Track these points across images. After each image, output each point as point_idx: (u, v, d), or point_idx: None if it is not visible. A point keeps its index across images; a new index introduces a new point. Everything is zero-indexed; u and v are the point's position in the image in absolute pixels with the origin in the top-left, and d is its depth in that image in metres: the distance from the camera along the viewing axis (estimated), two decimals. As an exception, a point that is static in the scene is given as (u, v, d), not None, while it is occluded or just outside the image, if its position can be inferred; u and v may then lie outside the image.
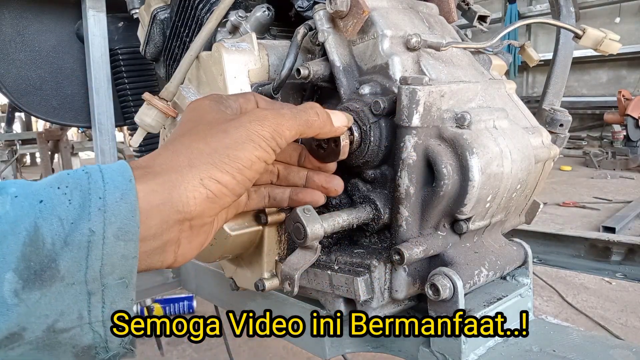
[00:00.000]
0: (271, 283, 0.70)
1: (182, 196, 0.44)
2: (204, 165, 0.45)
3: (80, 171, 0.40)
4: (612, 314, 2.74)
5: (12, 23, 1.29)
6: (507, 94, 0.73)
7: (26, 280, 0.36)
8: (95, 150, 1.28)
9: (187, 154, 0.46)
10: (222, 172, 0.46)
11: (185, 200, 0.44)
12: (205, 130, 0.48)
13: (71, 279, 0.37)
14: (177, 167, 0.45)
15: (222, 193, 0.46)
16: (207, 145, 0.47)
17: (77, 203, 0.38)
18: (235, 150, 0.47)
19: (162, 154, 0.46)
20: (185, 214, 0.44)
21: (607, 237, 1.24)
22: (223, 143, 0.47)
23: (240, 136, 0.48)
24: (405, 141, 0.58)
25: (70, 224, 0.37)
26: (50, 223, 0.37)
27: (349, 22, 0.64)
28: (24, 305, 0.36)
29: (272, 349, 2.54)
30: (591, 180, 6.28)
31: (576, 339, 0.65)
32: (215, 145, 0.47)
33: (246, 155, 0.47)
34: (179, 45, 0.88)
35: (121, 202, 0.39)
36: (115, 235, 0.39)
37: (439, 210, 0.60)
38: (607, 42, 0.76)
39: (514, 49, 0.91)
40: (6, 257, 0.35)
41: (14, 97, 1.32)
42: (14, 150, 5.52)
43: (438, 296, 0.58)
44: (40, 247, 0.36)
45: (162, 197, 0.42)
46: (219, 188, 0.46)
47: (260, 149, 0.48)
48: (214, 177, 0.45)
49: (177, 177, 0.44)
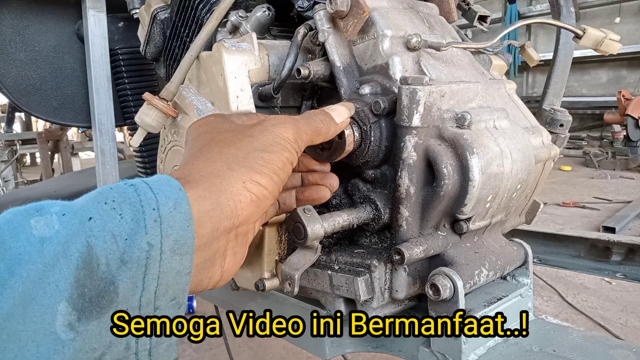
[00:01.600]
0: (271, 283, 0.70)
1: (229, 200, 0.42)
2: (243, 168, 0.44)
3: (123, 185, 0.37)
4: (612, 314, 2.74)
5: (12, 23, 1.29)
6: (508, 94, 0.73)
7: (81, 310, 0.31)
8: (95, 150, 1.28)
9: (222, 159, 0.44)
10: (261, 174, 0.45)
11: (233, 205, 0.42)
12: (230, 138, 0.48)
13: (125, 304, 0.33)
14: (217, 172, 0.43)
15: (264, 196, 0.45)
16: (240, 149, 0.46)
17: (130, 217, 0.34)
18: (268, 153, 0.46)
19: (194, 163, 0.44)
20: (234, 219, 0.42)
21: (607, 237, 1.24)
22: (253, 146, 0.46)
23: (267, 139, 0.47)
24: (405, 141, 0.58)
25: (124, 241, 0.33)
26: (104, 241, 0.33)
27: (349, 22, 0.64)
28: (81, 339, 0.31)
29: (272, 349, 2.54)
30: (591, 180, 6.27)
31: (576, 339, 0.65)
32: (248, 149, 0.46)
33: (278, 157, 0.47)
34: (179, 46, 0.88)
35: (175, 211, 0.36)
36: (172, 249, 0.35)
37: (440, 210, 0.60)
38: (608, 42, 0.76)
39: (514, 49, 0.91)
40: (59, 285, 0.30)
41: (14, 97, 1.32)
42: (14, 150, 5.52)
43: (438, 296, 0.58)
44: (94, 269, 0.32)
45: (211, 203, 0.40)
46: (261, 190, 0.44)
47: (287, 151, 0.48)
48: (255, 179, 0.44)
49: (220, 181, 0.42)
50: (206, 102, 0.70)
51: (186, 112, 0.71)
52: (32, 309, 0.29)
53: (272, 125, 0.49)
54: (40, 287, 0.30)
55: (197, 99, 0.71)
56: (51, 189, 1.79)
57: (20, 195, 1.69)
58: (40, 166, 5.27)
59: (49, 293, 0.30)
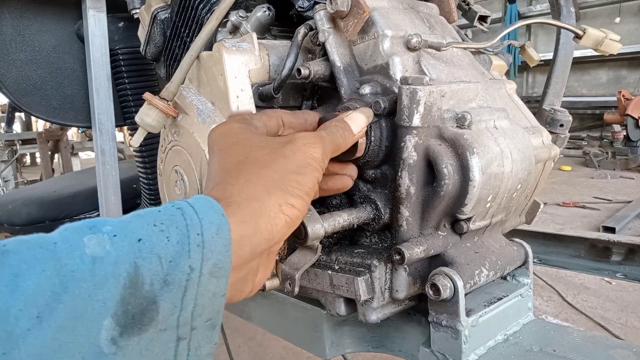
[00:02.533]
0: (271, 283, 0.70)
1: (267, 224, 0.43)
2: (279, 192, 0.45)
3: (171, 207, 0.38)
4: (612, 314, 2.74)
5: (12, 23, 1.29)
6: (508, 94, 0.73)
7: (124, 326, 0.33)
8: (95, 150, 1.28)
9: (260, 182, 0.46)
10: (295, 197, 0.46)
11: (270, 228, 0.43)
12: (265, 157, 0.48)
13: (164, 323, 0.35)
14: (257, 195, 0.44)
15: (297, 217, 0.47)
16: (275, 171, 0.47)
17: (175, 240, 0.36)
18: (301, 175, 0.48)
19: (234, 184, 0.45)
20: (270, 241, 0.44)
21: (607, 237, 1.24)
22: (288, 168, 0.48)
23: (300, 160, 0.49)
24: (405, 141, 0.58)
25: (169, 262, 0.35)
26: (150, 262, 0.34)
27: (349, 22, 0.64)
28: (122, 353, 0.33)
29: (272, 349, 2.54)
30: (591, 180, 6.27)
31: (576, 339, 0.65)
32: (283, 171, 0.47)
33: (310, 179, 0.48)
34: (180, 46, 0.88)
35: (217, 237, 0.38)
36: (210, 272, 0.37)
37: (440, 210, 0.60)
38: (608, 42, 0.76)
39: (514, 49, 0.91)
40: (106, 302, 0.32)
41: (14, 97, 1.32)
42: (14, 150, 5.51)
43: (438, 296, 0.58)
44: (139, 288, 0.34)
45: (251, 228, 0.42)
46: (294, 212, 0.46)
47: (317, 171, 0.49)
48: (290, 202, 0.46)
49: (259, 205, 0.44)
50: (206, 102, 0.70)
51: (186, 112, 0.71)
52: (81, 324, 0.31)
53: (303, 145, 0.50)
54: (89, 304, 0.32)
55: (198, 99, 0.71)
56: (51, 189, 1.79)
57: (20, 195, 1.69)
58: (40, 166, 5.27)
59: (97, 309, 0.32)
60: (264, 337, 2.62)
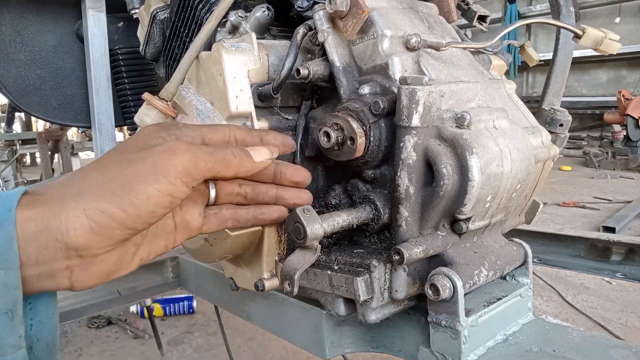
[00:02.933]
0: (271, 283, 0.70)
1: (60, 225, 0.43)
2: (91, 195, 0.44)
3: None
4: (612, 314, 2.74)
5: (12, 23, 1.29)
6: (507, 94, 0.73)
7: None
8: (95, 150, 1.28)
9: (79, 183, 0.45)
10: (110, 203, 0.44)
11: (64, 230, 0.43)
12: (113, 158, 0.48)
13: None
14: (64, 196, 0.44)
15: (108, 225, 0.44)
16: (104, 174, 0.46)
17: None
18: (133, 183, 0.45)
19: (62, 181, 0.46)
20: (65, 242, 0.43)
21: (607, 237, 1.23)
22: (122, 173, 0.46)
23: (144, 167, 0.46)
24: (405, 141, 0.58)
25: None
26: None
27: (348, 22, 0.64)
28: None
29: (272, 349, 2.54)
30: (591, 180, 6.28)
31: (576, 339, 0.65)
32: (113, 175, 0.46)
33: (143, 188, 0.45)
34: (179, 46, 0.88)
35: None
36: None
37: (439, 210, 0.60)
38: (607, 42, 0.76)
39: (514, 49, 0.90)
40: None
41: (14, 97, 1.32)
42: (14, 150, 5.51)
43: (438, 296, 0.58)
44: None
45: (39, 225, 0.42)
46: (104, 219, 0.44)
47: (164, 182, 0.46)
48: (99, 208, 0.44)
49: (59, 205, 0.43)
50: (205, 102, 0.70)
51: (185, 112, 0.71)
52: None
53: (159, 152, 0.47)
54: None
55: (197, 99, 0.71)
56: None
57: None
58: (40, 166, 5.27)
59: None
60: (264, 337, 2.62)
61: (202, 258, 0.76)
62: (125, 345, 2.68)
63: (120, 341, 2.74)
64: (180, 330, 2.83)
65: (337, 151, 0.61)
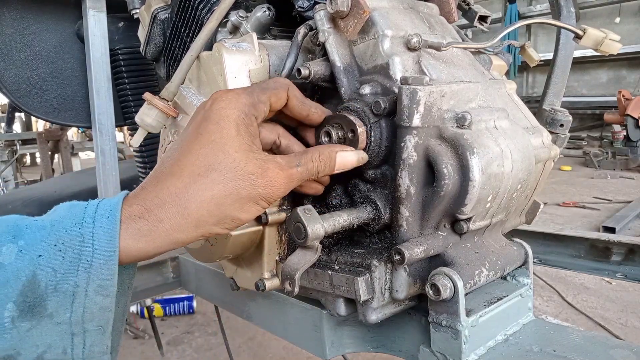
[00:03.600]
0: (271, 283, 0.70)
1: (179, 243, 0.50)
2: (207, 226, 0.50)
3: (77, 231, 0.46)
4: (612, 314, 2.74)
5: (12, 23, 1.29)
6: (508, 94, 0.73)
7: (22, 311, 0.43)
8: (96, 150, 1.28)
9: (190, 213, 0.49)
10: (220, 228, 0.52)
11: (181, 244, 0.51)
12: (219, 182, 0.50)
13: (59, 318, 0.45)
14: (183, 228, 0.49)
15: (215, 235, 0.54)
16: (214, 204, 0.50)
17: (69, 260, 0.45)
18: (239, 214, 0.52)
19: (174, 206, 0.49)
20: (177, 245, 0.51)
21: (607, 237, 1.23)
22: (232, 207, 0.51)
23: (248, 201, 0.52)
24: (405, 141, 0.58)
25: (61, 274, 0.45)
26: (46, 272, 0.44)
27: (349, 22, 0.64)
28: (16, 331, 0.43)
29: (272, 349, 2.54)
30: (591, 180, 6.28)
31: (576, 339, 0.65)
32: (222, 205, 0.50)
33: (246, 217, 0.52)
34: (180, 46, 0.88)
35: (104, 266, 0.46)
36: (96, 290, 0.46)
37: (440, 210, 0.60)
38: (608, 42, 0.76)
39: (514, 49, 0.91)
40: (8, 294, 0.43)
41: (14, 97, 1.32)
42: (14, 150, 5.52)
43: (438, 296, 0.58)
44: (36, 288, 0.44)
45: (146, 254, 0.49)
46: (213, 235, 0.53)
47: (261, 209, 0.53)
48: (212, 231, 0.51)
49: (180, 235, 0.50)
50: (206, 102, 0.70)
51: (186, 112, 0.71)
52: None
53: (262, 186, 0.52)
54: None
55: (198, 99, 0.71)
56: (51, 189, 1.79)
57: (20, 196, 1.69)
58: (40, 166, 5.27)
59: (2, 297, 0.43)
60: (264, 337, 2.62)
61: (203, 258, 0.76)
62: (125, 345, 2.68)
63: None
64: (180, 330, 2.83)
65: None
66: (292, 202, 0.69)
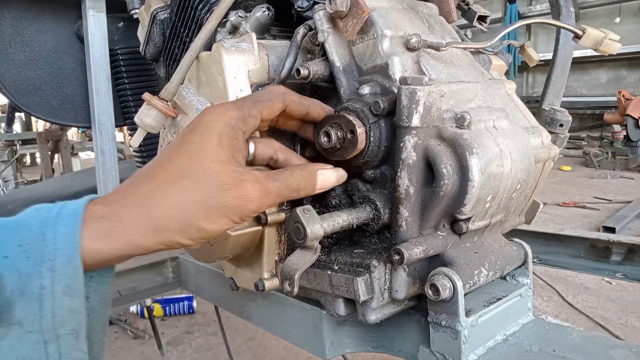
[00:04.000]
0: (271, 283, 0.70)
1: (139, 249, 0.48)
2: (168, 233, 0.48)
3: (40, 230, 0.44)
4: (612, 314, 2.74)
5: (12, 23, 1.29)
6: (507, 94, 0.73)
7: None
8: (95, 150, 1.28)
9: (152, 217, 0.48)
10: (184, 239, 0.49)
11: (142, 251, 0.48)
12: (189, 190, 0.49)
13: (29, 326, 0.42)
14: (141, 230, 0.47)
15: (180, 247, 0.51)
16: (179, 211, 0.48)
17: (33, 261, 0.43)
18: (207, 224, 0.49)
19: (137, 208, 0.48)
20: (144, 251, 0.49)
21: (607, 237, 1.23)
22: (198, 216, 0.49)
23: (217, 213, 0.50)
24: (405, 141, 0.58)
25: (26, 277, 0.43)
26: (12, 274, 0.42)
27: (348, 22, 0.64)
28: None
29: (272, 349, 2.54)
30: (591, 180, 6.28)
31: (576, 339, 0.65)
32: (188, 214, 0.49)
33: (213, 228, 0.50)
34: (179, 46, 0.88)
35: (67, 265, 0.44)
36: (63, 291, 0.44)
37: (439, 210, 0.60)
38: (607, 42, 0.76)
39: (514, 49, 0.91)
40: None
41: (14, 97, 1.32)
42: (14, 150, 5.51)
43: (438, 296, 0.58)
44: (2, 292, 0.42)
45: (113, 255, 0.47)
46: (177, 246, 0.50)
47: (232, 224, 0.51)
48: (175, 240, 0.49)
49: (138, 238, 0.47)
50: (206, 103, 0.70)
51: (186, 113, 0.71)
52: None
53: (234, 198, 0.50)
54: None
55: (197, 99, 0.71)
56: (51, 189, 1.79)
57: (20, 196, 1.69)
58: (40, 166, 5.27)
59: None
60: (264, 337, 2.62)
61: (203, 258, 0.76)
62: (125, 345, 2.68)
63: (120, 341, 2.74)
64: (180, 330, 2.83)
65: (340, 149, 0.61)
66: (291, 203, 0.69)
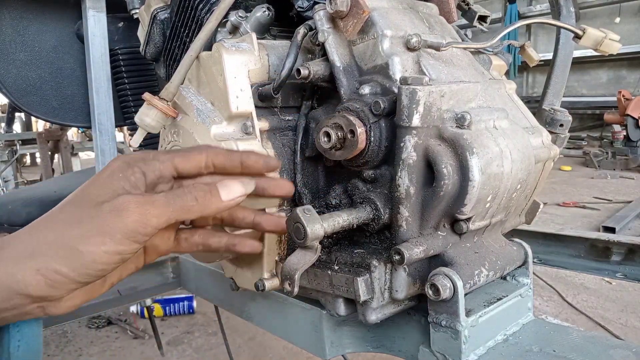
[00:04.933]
0: (271, 283, 0.70)
1: (19, 283, 0.46)
2: (43, 257, 0.47)
3: None
4: (612, 314, 2.74)
5: (12, 23, 1.29)
6: (507, 94, 0.73)
7: None
8: (95, 150, 1.28)
9: (31, 241, 0.48)
10: (59, 265, 0.47)
11: (22, 287, 0.46)
12: (66, 214, 0.49)
13: None
14: (18, 256, 0.47)
15: (62, 281, 0.47)
16: (54, 233, 0.48)
17: None
18: (79, 245, 0.47)
19: (16, 236, 0.48)
20: (27, 294, 0.47)
21: (607, 237, 1.23)
22: (71, 234, 0.47)
23: (91, 229, 0.47)
24: (405, 141, 0.58)
25: None
26: None
27: (349, 22, 0.64)
28: None
29: (272, 349, 2.54)
30: (591, 180, 6.28)
31: (576, 339, 0.65)
32: (61, 235, 0.47)
33: (89, 250, 0.47)
34: (179, 46, 0.88)
35: None
36: None
37: (439, 210, 0.60)
38: (607, 42, 0.76)
39: (514, 49, 0.90)
40: None
41: (14, 97, 1.32)
42: (14, 150, 5.51)
43: (438, 296, 0.58)
44: None
45: None
46: (57, 277, 0.47)
47: (111, 244, 0.47)
48: (51, 268, 0.47)
49: (13, 266, 0.46)
50: (206, 103, 0.70)
51: (186, 113, 0.71)
52: None
53: (108, 212, 0.48)
54: None
55: (197, 99, 0.71)
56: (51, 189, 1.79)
57: (20, 196, 1.69)
58: (40, 166, 5.27)
59: None
60: (264, 337, 2.62)
61: (203, 258, 0.76)
62: (125, 346, 2.68)
63: (120, 341, 2.74)
64: (180, 330, 2.83)
65: (340, 150, 0.61)
66: (291, 203, 0.69)
